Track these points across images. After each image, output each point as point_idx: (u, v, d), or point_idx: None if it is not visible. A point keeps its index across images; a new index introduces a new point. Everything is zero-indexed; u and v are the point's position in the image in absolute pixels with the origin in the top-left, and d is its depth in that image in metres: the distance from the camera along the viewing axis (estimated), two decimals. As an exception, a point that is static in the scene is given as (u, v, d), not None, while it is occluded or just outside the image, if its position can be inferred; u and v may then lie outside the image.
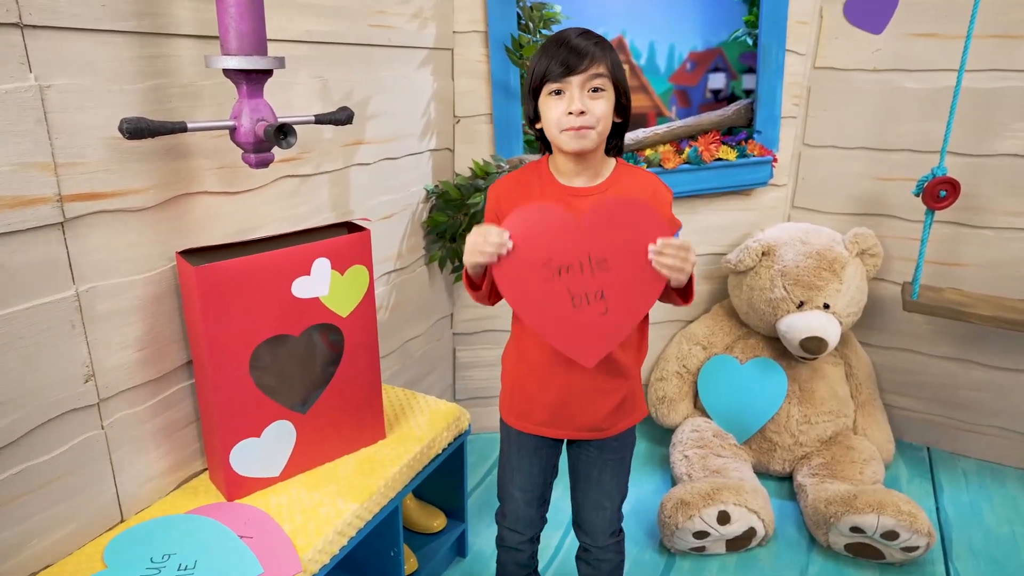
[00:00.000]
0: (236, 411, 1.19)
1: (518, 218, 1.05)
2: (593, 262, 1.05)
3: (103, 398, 1.09)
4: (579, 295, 1.07)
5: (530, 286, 1.07)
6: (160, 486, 1.23)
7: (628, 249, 1.05)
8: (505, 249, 1.04)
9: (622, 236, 1.05)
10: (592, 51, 1.06)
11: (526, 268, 1.06)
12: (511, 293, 1.08)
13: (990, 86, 1.94)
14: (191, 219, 1.21)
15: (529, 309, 1.09)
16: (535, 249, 1.05)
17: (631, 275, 1.06)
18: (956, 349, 2.15)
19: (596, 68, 1.06)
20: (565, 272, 1.06)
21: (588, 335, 1.09)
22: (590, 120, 1.06)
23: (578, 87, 1.06)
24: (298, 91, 1.39)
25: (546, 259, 1.05)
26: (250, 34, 1.02)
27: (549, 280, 1.06)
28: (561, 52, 1.06)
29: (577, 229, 1.05)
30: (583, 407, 1.19)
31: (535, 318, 1.09)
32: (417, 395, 1.61)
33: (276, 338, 1.21)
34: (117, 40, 1.03)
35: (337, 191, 1.56)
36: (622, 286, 1.06)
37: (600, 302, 1.07)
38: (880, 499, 1.67)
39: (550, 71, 1.06)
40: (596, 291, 1.06)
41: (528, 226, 1.05)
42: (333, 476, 1.32)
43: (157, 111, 1.11)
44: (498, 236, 1.04)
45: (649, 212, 1.04)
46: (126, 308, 1.11)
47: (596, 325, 1.08)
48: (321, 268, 1.24)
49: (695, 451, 1.98)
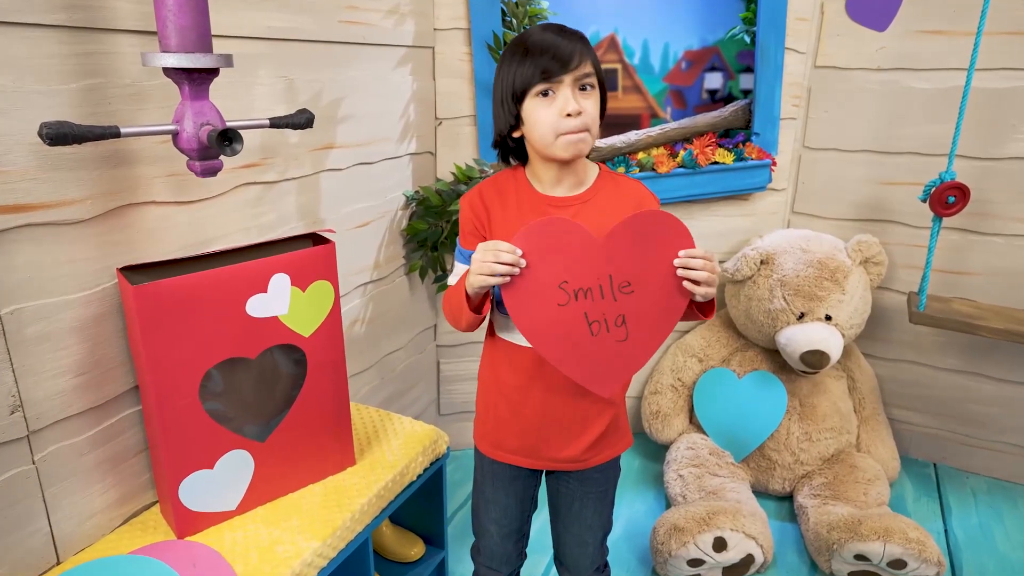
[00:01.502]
0: (185, 442, 1.09)
1: (531, 234, 0.94)
2: (615, 285, 0.95)
3: (33, 430, 0.99)
4: (598, 320, 0.97)
5: (544, 310, 0.96)
6: (104, 522, 1.12)
7: (653, 269, 0.95)
8: (517, 270, 0.94)
9: (647, 254, 0.95)
10: (580, 48, 0.97)
11: (539, 290, 0.95)
12: (523, 318, 0.97)
13: (1000, 86, 1.84)
14: (138, 232, 1.11)
15: (542, 335, 0.98)
16: (550, 270, 0.95)
17: (655, 297, 0.96)
18: (964, 361, 2.05)
19: (585, 66, 0.98)
20: (583, 296, 0.95)
21: (605, 364, 0.99)
22: (588, 121, 0.97)
23: (570, 86, 0.97)
24: (260, 92, 1.29)
25: (562, 281, 0.95)
26: (191, 29, 0.92)
27: (565, 304, 0.96)
28: (547, 49, 0.96)
29: (598, 249, 0.95)
30: (561, 436, 1.09)
31: (548, 345, 0.99)
32: (392, 416, 1.51)
33: (230, 361, 1.11)
34: (43, 35, 0.93)
35: (305, 199, 1.46)
36: (645, 310, 0.97)
37: (620, 328, 0.97)
38: (886, 525, 1.57)
39: (538, 72, 0.96)
40: (616, 316, 0.96)
41: (542, 243, 0.94)
42: (296, 509, 1.22)
43: (94, 114, 1.01)
44: (511, 254, 0.93)
45: (676, 225, 0.94)
46: (60, 330, 1.01)
47: (614, 353, 0.98)
48: (279, 284, 1.13)
49: (690, 470, 1.88)
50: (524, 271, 0.94)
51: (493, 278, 0.94)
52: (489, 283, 0.95)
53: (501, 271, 0.93)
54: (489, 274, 0.94)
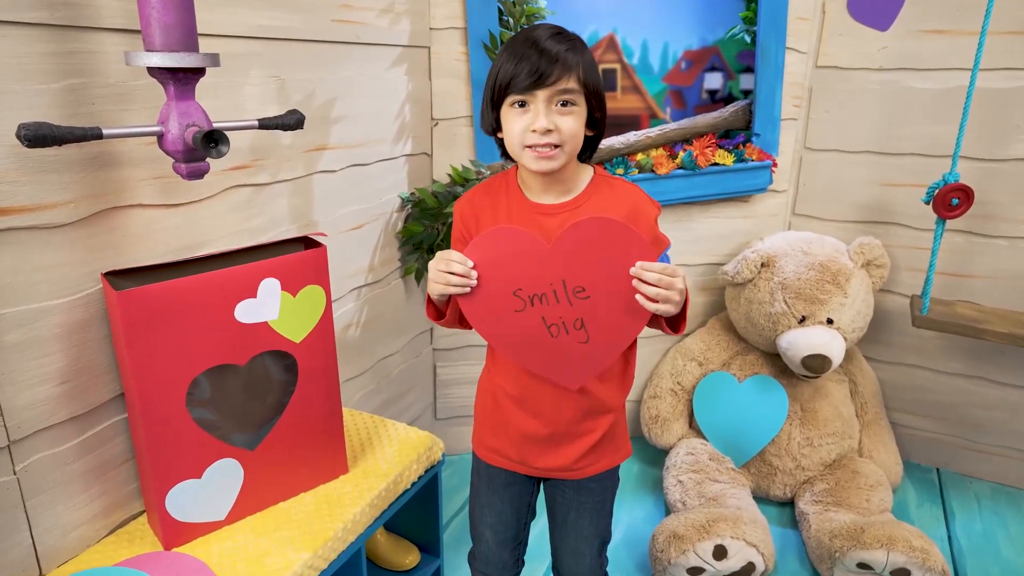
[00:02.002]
0: (172, 451, 1.06)
1: (481, 244, 0.95)
2: (569, 290, 0.94)
3: (14, 440, 0.96)
4: (556, 324, 0.96)
5: (501, 317, 0.98)
6: (89, 533, 1.10)
7: (607, 275, 0.93)
8: (472, 281, 0.95)
9: (598, 260, 0.93)
10: (563, 58, 0.91)
11: (495, 299, 0.96)
12: (482, 326, 0.99)
13: (1005, 86, 1.81)
14: (123, 236, 1.08)
15: (503, 340, 1.01)
16: (502, 278, 0.96)
17: (612, 304, 0.94)
18: (967, 365, 2.02)
19: (566, 82, 0.92)
20: (538, 301, 0.95)
21: (569, 361, 0.99)
22: (555, 138, 0.93)
23: (544, 102, 0.92)
24: (250, 92, 1.26)
25: (516, 287, 0.95)
26: (176, 27, 0.90)
27: (521, 310, 0.96)
28: (529, 57, 0.91)
29: (547, 254, 0.94)
30: (556, 445, 1.07)
31: (510, 349, 1.01)
32: (387, 422, 1.48)
33: (218, 368, 1.08)
34: (24, 33, 0.90)
35: (298, 201, 1.43)
36: (603, 315, 0.95)
37: (579, 331, 0.96)
38: (890, 533, 1.54)
39: (514, 82, 0.92)
40: (574, 320, 0.95)
41: (493, 252, 0.95)
42: (286, 518, 1.19)
43: (77, 114, 0.98)
44: (461, 264, 0.94)
45: (626, 232, 0.91)
46: (43, 337, 0.98)
47: (577, 352, 0.98)
48: (269, 289, 1.11)
49: (690, 476, 1.85)
50: (479, 280, 0.95)
51: (448, 287, 0.96)
52: (444, 291, 0.97)
53: (454, 282, 0.95)
54: (443, 283, 0.96)
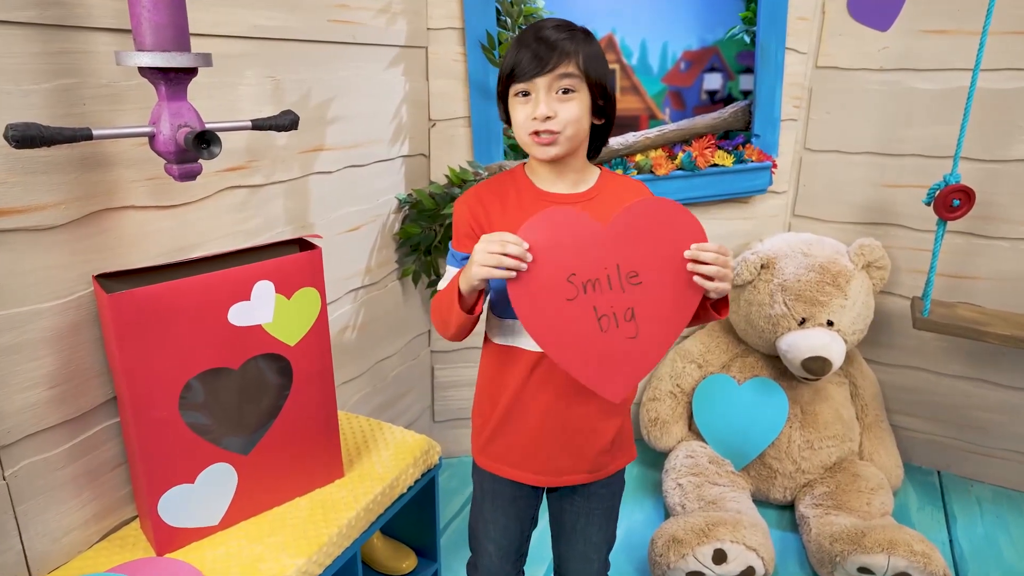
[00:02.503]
0: (164, 455, 1.05)
1: (537, 225, 0.90)
2: (623, 275, 0.91)
3: (4, 444, 0.95)
4: (607, 315, 0.92)
5: (551, 306, 0.92)
6: (80, 539, 1.08)
7: (661, 259, 0.91)
8: (524, 265, 0.89)
9: (654, 243, 0.91)
10: (562, 46, 0.92)
11: (548, 284, 0.91)
12: (529, 315, 0.93)
13: (1006, 86, 1.80)
14: (115, 238, 1.07)
15: (550, 333, 0.94)
16: (557, 261, 0.91)
17: (664, 289, 0.92)
18: (968, 368, 2.01)
19: (565, 67, 0.93)
20: (591, 288, 0.91)
21: (615, 363, 0.94)
22: (554, 125, 0.93)
23: (544, 89, 0.93)
24: (245, 92, 1.25)
25: (570, 273, 0.91)
26: (167, 27, 0.88)
27: (574, 299, 0.91)
28: (529, 47, 0.93)
29: (604, 236, 0.91)
30: (565, 448, 1.05)
31: (556, 344, 0.94)
32: (383, 425, 1.47)
33: (211, 372, 1.07)
34: (13, 32, 0.89)
35: (294, 203, 1.42)
36: (654, 303, 0.92)
37: (630, 324, 0.92)
38: (891, 537, 1.53)
39: (516, 71, 0.94)
40: (625, 310, 0.92)
41: (548, 234, 0.90)
42: (281, 523, 1.18)
43: (68, 115, 0.96)
44: (518, 246, 0.88)
45: (683, 214, 0.90)
46: (33, 340, 0.97)
47: (624, 351, 0.94)
48: (263, 292, 1.09)
49: (689, 479, 1.84)
50: (531, 266, 0.90)
51: (498, 270, 0.89)
52: (494, 275, 0.89)
53: (508, 264, 0.88)
54: (495, 265, 0.88)
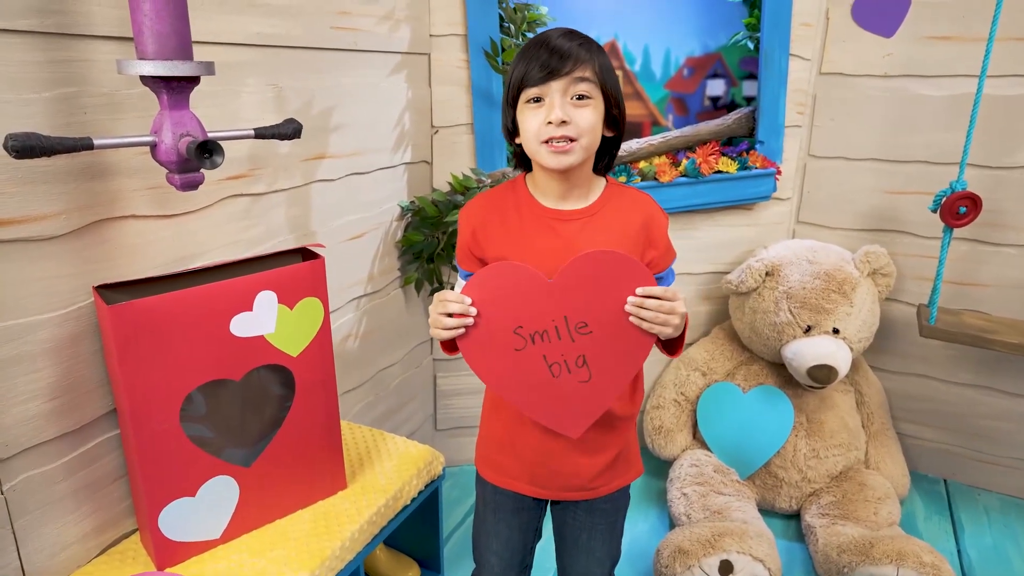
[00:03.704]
0: (165, 468, 1.03)
1: (481, 280, 0.93)
2: (571, 326, 0.92)
3: (2, 458, 0.94)
4: (558, 362, 0.94)
5: (501, 356, 0.94)
6: (79, 553, 1.07)
7: (608, 308, 0.91)
8: (470, 319, 0.92)
9: (600, 294, 0.91)
10: (576, 53, 0.91)
11: (494, 337, 0.93)
12: (480, 366, 0.96)
13: (1012, 92, 1.79)
14: (116, 248, 1.05)
15: (502, 381, 0.97)
16: (503, 315, 0.93)
17: (615, 336, 0.92)
18: (975, 375, 1.99)
19: (581, 72, 0.91)
20: (539, 339, 0.92)
21: (570, 405, 0.95)
22: (572, 131, 0.91)
23: (559, 94, 0.91)
24: (246, 100, 1.24)
25: (516, 325, 0.92)
26: (169, 35, 0.87)
27: (522, 348, 0.93)
28: (541, 55, 0.91)
29: (548, 290, 0.92)
30: (566, 466, 1.04)
31: (510, 391, 0.97)
32: (386, 435, 1.45)
33: (213, 383, 1.05)
34: (13, 41, 0.88)
35: (296, 211, 1.41)
36: (605, 350, 0.93)
37: (581, 369, 0.93)
38: (899, 548, 1.51)
39: (528, 76, 0.92)
40: (576, 357, 0.93)
41: (492, 289, 0.92)
42: (283, 536, 1.16)
43: (69, 124, 0.95)
44: (459, 304, 0.91)
45: (628, 263, 0.90)
46: (33, 352, 0.96)
47: (579, 394, 0.95)
48: (265, 302, 1.08)
49: (694, 488, 1.82)
50: (478, 320, 0.92)
51: (445, 332, 0.93)
52: (443, 336, 0.94)
53: (451, 324, 0.92)
54: (441, 328, 0.93)
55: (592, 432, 1.01)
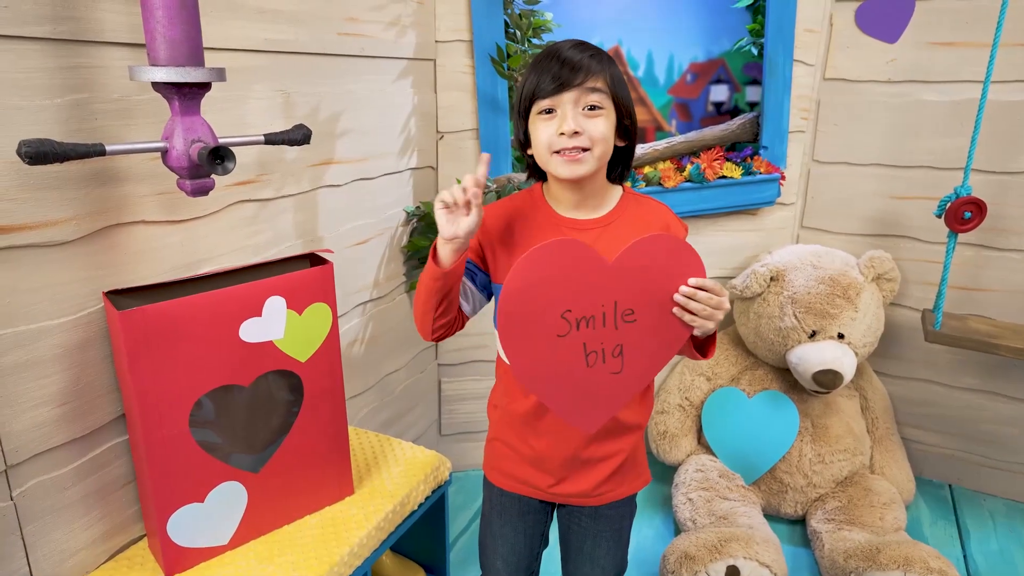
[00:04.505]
0: (174, 474, 1.03)
1: (537, 258, 0.87)
2: (619, 312, 0.89)
3: (12, 464, 0.93)
4: (596, 351, 0.90)
5: (540, 342, 0.89)
6: (88, 559, 1.06)
7: (658, 296, 0.89)
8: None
9: (654, 280, 0.89)
10: (587, 64, 0.91)
11: (541, 320, 0.88)
12: (515, 347, 0.90)
13: (1016, 98, 1.79)
14: (126, 253, 1.05)
15: (533, 368, 0.91)
16: (554, 297, 0.88)
17: (656, 326, 0.90)
18: (980, 380, 1.99)
19: (592, 82, 0.91)
20: (585, 325, 0.89)
21: (593, 398, 0.93)
22: (584, 141, 0.91)
23: (571, 104, 0.91)
24: (254, 106, 1.24)
25: (565, 308, 0.88)
26: (182, 42, 0.88)
27: (565, 335, 0.89)
28: (552, 66, 0.92)
29: (607, 272, 0.88)
30: (573, 472, 1.03)
31: (536, 378, 0.92)
32: (392, 441, 1.45)
33: (222, 389, 1.05)
34: (26, 48, 0.88)
35: (303, 216, 1.41)
36: (643, 340, 0.91)
37: (616, 359, 0.91)
38: (906, 554, 1.51)
39: (540, 87, 0.92)
40: (615, 346, 0.90)
41: (549, 269, 0.87)
42: (291, 542, 1.16)
43: (80, 130, 0.96)
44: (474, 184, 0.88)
45: (687, 251, 0.88)
46: (43, 358, 0.96)
47: (605, 386, 0.92)
48: (275, 308, 1.08)
49: (699, 493, 1.82)
50: (525, 299, 0.87)
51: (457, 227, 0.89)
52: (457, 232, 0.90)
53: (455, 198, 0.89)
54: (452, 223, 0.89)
55: (600, 438, 1.01)
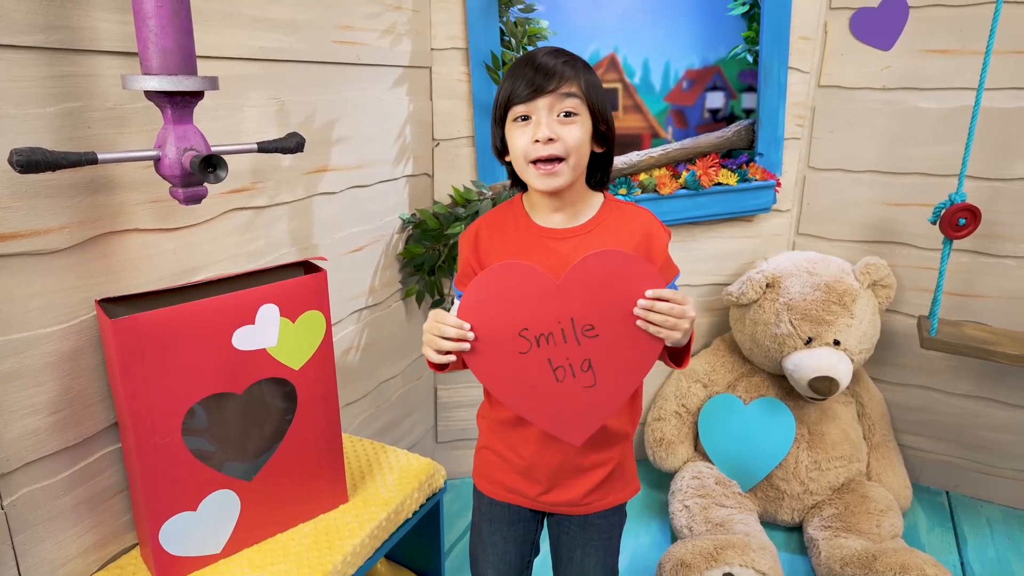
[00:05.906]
0: (166, 482, 1.03)
1: (485, 282, 0.91)
2: (577, 328, 0.90)
3: (3, 473, 0.93)
4: (562, 366, 0.92)
5: (504, 360, 0.93)
6: (80, 568, 1.06)
7: (616, 310, 0.90)
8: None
9: (609, 296, 0.89)
10: (561, 70, 0.91)
11: (499, 339, 0.92)
12: (483, 371, 0.94)
13: (1010, 105, 1.80)
14: (118, 261, 1.05)
15: (504, 386, 0.95)
16: (508, 316, 0.91)
17: (622, 340, 0.90)
18: (976, 386, 1.99)
19: (567, 88, 0.91)
20: (544, 342, 0.90)
21: (573, 410, 0.94)
22: (559, 148, 0.91)
23: (546, 111, 0.91)
24: (249, 114, 1.24)
25: (521, 328, 0.91)
26: (174, 50, 0.88)
27: (526, 352, 0.91)
28: (526, 72, 0.92)
29: (555, 291, 0.90)
30: (561, 480, 1.03)
31: (511, 395, 0.95)
32: (387, 448, 1.45)
33: (214, 397, 1.05)
34: (18, 56, 0.88)
35: (297, 224, 1.41)
36: (612, 354, 0.91)
37: (586, 374, 0.91)
38: (903, 561, 1.51)
39: (514, 94, 0.92)
40: (581, 361, 0.91)
41: (499, 290, 0.91)
42: (285, 551, 1.15)
43: (73, 139, 0.96)
44: (457, 329, 0.90)
45: (637, 263, 0.88)
46: (35, 366, 0.95)
47: (582, 399, 0.93)
48: (268, 315, 1.08)
49: (696, 501, 1.82)
50: (481, 321, 0.91)
51: (438, 355, 0.92)
52: (436, 359, 0.93)
53: (446, 347, 0.91)
54: (435, 349, 0.92)
55: (588, 447, 1.01)
